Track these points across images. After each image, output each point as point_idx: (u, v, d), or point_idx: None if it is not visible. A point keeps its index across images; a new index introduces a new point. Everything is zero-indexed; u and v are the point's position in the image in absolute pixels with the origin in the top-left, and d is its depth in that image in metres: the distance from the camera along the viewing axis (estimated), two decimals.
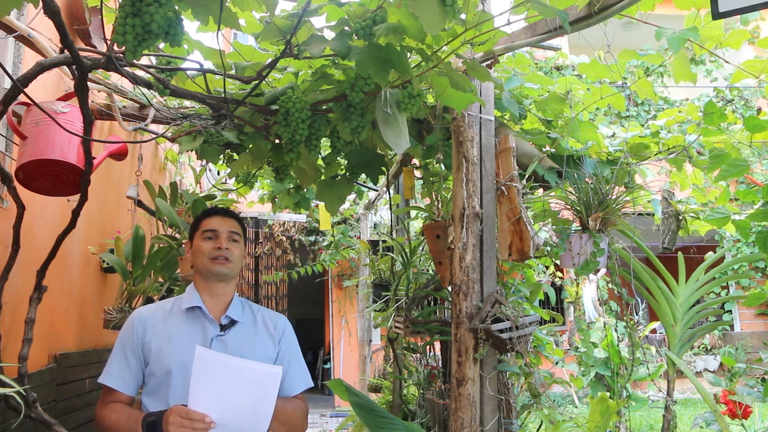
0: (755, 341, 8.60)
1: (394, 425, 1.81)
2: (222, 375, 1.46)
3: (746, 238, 2.52)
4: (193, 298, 1.69)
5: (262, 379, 1.49)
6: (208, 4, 1.53)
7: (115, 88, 2.59)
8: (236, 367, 1.48)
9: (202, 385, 1.46)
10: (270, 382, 1.49)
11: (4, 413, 2.14)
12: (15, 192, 2.02)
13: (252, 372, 1.49)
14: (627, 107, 8.76)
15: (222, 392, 1.46)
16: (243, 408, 1.48)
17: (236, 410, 1.47)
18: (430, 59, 1.76)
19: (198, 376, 1.46)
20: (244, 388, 1.48)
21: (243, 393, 1.48)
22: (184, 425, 1.42)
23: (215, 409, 1.46)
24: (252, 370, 1.49)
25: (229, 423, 1.47)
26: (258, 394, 1.49)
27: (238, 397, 1.47)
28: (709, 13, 1.48)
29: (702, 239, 3.38)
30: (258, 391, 1.49)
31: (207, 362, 1.47)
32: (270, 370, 1.51)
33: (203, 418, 1.42)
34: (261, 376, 1.49)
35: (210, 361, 1.47)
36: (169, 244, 2.95)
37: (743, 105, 8.36)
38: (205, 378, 1.46)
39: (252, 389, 1.48)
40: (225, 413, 1.46)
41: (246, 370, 1.49)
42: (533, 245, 2.07)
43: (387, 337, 3.39)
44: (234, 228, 1.75)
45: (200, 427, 1.42)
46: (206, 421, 1.42)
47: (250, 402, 1.48)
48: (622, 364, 3.66)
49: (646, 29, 2.29)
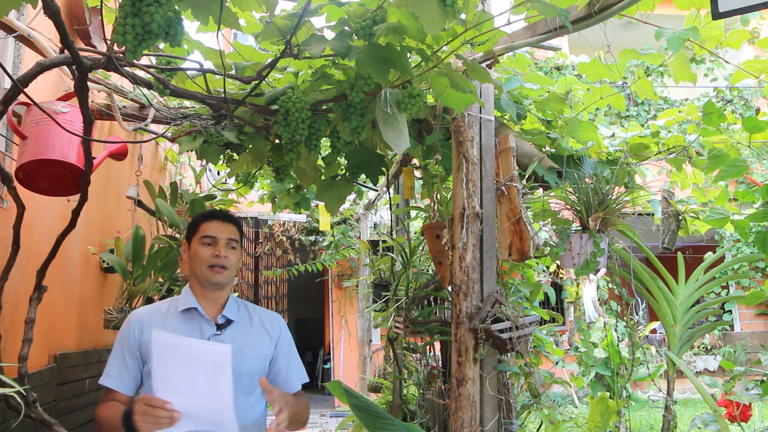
0: (755, 341, 8.60)
1: (393, 426, 1.81)
2: (179, 358, 1.43)
3: (746, 238, 2.52)
4: (188, 300, 1.70)
5: (214, 359, 1.44)
6: (208, 4, 1.53)
7: (115, 88, 2.59)
8: (189, 347, 1.45)
9: (162, 370, 1.44)
10: (221, 361, 1.44)
11: (4, 413, 2.14)
12: (15, 192, 2.02)
13: (203, 351, 1.45)
14: (627, 107, 8.76)
15: (181, 376, 1.43)
16: (201, 390, 1.44)
17: (196, 394, 1.44)
18: (430, 59, 1.76)
19: (158, 361, 1.44)
20: (199, 369, 1.44)
21: (198, 375, 1.44)
22: (147, 413, 1.40)
23: (177, 394, 1.42)
24: (202, 349, 1.46)
25: (193, 410, 1.43)
26: (212, 375, 1.44)
27: (194, 380, 1.44)
28: (709, 13, 1.48)
29: (702, 239, 3.38)
30: (212, 372, 1.44)
31: (165, 345, 1.44)
32: (220, 348, 1.46)
33: (164, 405, 1.40)
34: (212, 355, 1.44)
35: (167, 344, 1.44)
36: (169, 245, 2.95)
37: (743, 105, 8.36)
38: (165, 362, 1.44)
39: (206, 369, 1.44)
40: (186, 399, 1.42)
41: (197, 349, 1.45)
42: (533, 245, 2.07)
43: (387, 337, 3.39)
44: (233, 235, 1.75)
45: (162, 414, 1.40)
46: (167, 408, 1.40)
47: (206, 384, 1.44)
48: (622, 364, 3.66)
49: (646, 29, 2.29)
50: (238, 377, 1.63)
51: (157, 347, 1.44)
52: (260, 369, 1.71)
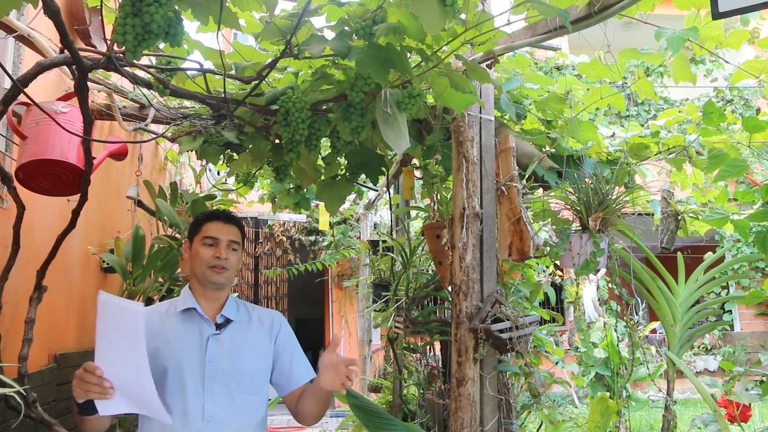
0: (755, 341, 8.60)
1: (393, 426, 1.81)
2: (112, 321, 1.41)
3: (746, 238, 2.52)
4: (188, 300, 1.70)
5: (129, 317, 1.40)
6: (208, 4, 1.53)
7: (115, 88, 2.60)
8: (115, 306, 1.41)
9: (99, 335, 1.41)
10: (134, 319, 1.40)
11: (4, 413, 2.14)
12: (15, 192, 2.02)
13: (122, 311, 1.41)
14: (627, 107, 8.76)
15: (110, 341, 1.41)
16: (124, 357, 1.41)
17: (119, 360, 1.41)
18: (430, 59, 1.76)
19: (99, 325, 1.41)
20: (121, 331, 1.41)
21: (121, 337, 1.41)
22: (80, 377, 1.39)
23: (107, 360, 1.40)
24: (121, 308, 1.41)
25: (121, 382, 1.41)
26: (129, 336, 1.40)
27: (118, 343, 1.41)
28: (709, 13, 1.48)
29: (702, 239, 3.38)
30: (128, 332, 1.40)
31: (104, 307, 1.42)
32: (133, 306, 1.42)
33: (94, 370, 1.38)
34: (128, 314, 1.41)
35: (106, 306, 1.41)
36: (169, 244, 2.95)
37: (743, 105, 8.36)
38: (102, 327, 1.42)
39: (126, 331, 1.41)
40: (114, 367, 1.40)
41: (120, 309, 1.41)
42: (533, 245, 2.07)
43: (387, 337, 3.39)
44: (234, 237, 1.74)
45: (92, 380, 1.38)
46: (97, 374, 1.38)
47: (126, 349, 1.41)
48: (622, 364, 3.66)
49: (646, 29, 2.29)
50: (239, 376, 1.63)
51: (100, 310, 1.41)
52: (261, 368, 1.71)
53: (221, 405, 1.59)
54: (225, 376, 1.62)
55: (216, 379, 1.61)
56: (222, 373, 1.62)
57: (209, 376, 1.60)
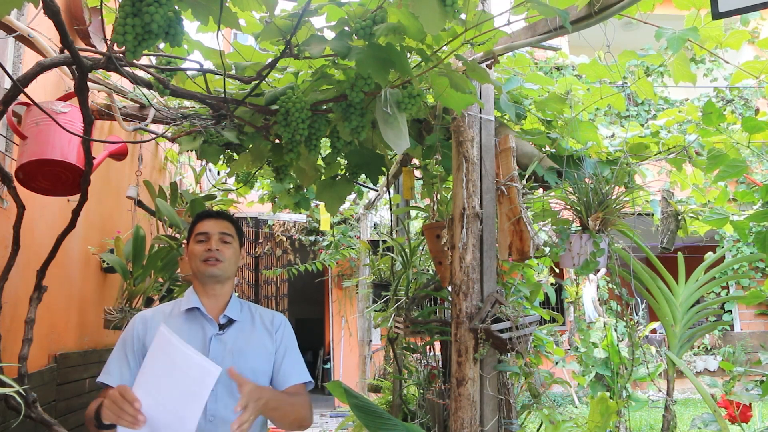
0: (755, 341, 8.60)
1: (393, 426, 1.81)
2: (170, 360, 1.40)
3: (745, 239, 2.52)
4: (191, 299, 1.72)
5: (200, 375, 1.40)
6: (208, 4, 1.54)
7: (115, 88, 2.60)
8: (182, 353, 1.41)
9: (149, 367, 1.41)
10: (206, 380, 1.40)
11: (4, 413, 2.14)
12: (15, 192, 2.02)
13: (192, 363, 1.41)
14: (627, 107, 8.76)
15: (163, 379, 1.40)
16: (174, 402, 1.40)
17: (167, 403, 1.40)
18: (430, 59, 1.76)
19: (151, 356, 1.41)
20: (182, 380, 1.40)
21: (178, 385, 1.40)
22: (116, 402, 1.38)
23: (151, 396, 1.39)
24: (192, 361, 1.41)
25: (157, 418, 1.39)
26: (191, 391, 1.40)
27: (172, 388, 1.40)
28: (709, 13, 1.48)
29: (702, 239, 3.38)
30: (192, 387, 1.40)
31: (163, 342, 1.42)
32: (209, 367, 1.42)
33: (133, 402, 1.37)
34: (199, 371, 1.41)
35: (166, 342, 1.41)
36: (170, 244, 2.95)
37: (743, 105, 8.36)
38: (155, 359, 1.41)
39: (188, 383, 1.40)
40: (157, 405, 1.39)
41: (188, 358, 1.41)
42: (533, 245, 2.07)
43: (387, 337, 3.39)
44: (225, 229, 1.76)
45: (128, 410, 1.37)
46: (135, 406, 1.37)
47: (181, 397, 1.40)
48: (622, 364, 3.66)
49: (646, 29, 2.29)
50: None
51: (157, 342, 1.42)
52: (263, 368, 1.71)
53: (223, 405, 1.60)
54: (227, 376, 1.62)
55: (218, 379, 1.61)
56: (224, 373, 1.61)
57: None
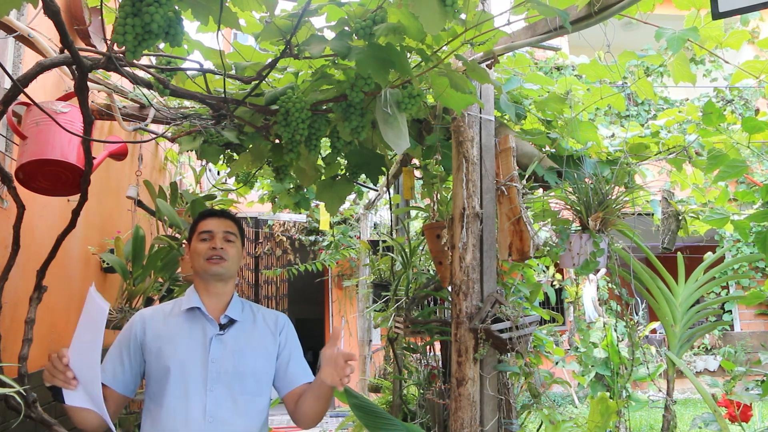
0: (755, 341, 8.60)
1: (393, 426, 1.81)
2: (87, 315, 1.45)
3: (746, 238, 2.52)
4: (192, 299, 1.70)
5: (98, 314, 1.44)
6: (208, 4, 1.53)
7: (115, 88, 2.60)
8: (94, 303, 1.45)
9: (79, 328, 1.45)
10: (99, 317, 1.44)
11: (4, 413, 2.14)
12: (15, 192, 2.02)
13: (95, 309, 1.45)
14: (627, 107, 8.76)
15: (84, 334, 1.44)
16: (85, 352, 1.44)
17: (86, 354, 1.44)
18: (430, 59, 1.76)
19: (82, 317, 1.45)
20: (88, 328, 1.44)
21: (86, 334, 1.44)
22: (50, 360, 1.43)
23: (75, 353, 1.43)
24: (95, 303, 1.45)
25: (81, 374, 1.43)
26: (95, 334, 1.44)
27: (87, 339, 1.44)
28: (709, 13, 1.48)
29: (702, 239, 3.38)
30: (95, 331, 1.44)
31: (89, 302, 1.46)
32: (100, 302, 1.45)
33: (61, 358, 1.42)
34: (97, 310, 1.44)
35: (89, 302, 1.46)
36: (170, 244, 2.95)
37: (743, 105, 8.36)
38: (82, 319, 1.45)
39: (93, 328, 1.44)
40: (79, 360, 1.43)
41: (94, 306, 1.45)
42: (533, 245, 2.07)
43: (387, 337, 3.40)
44: (229, 228, 1.75)
45: (58, 366, 1.42)
46: (63, 362, 1.42)
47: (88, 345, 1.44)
48: (622, 364, 3.66)
49: (646, 29, 2.29)
50: (241, 377, 1.63)
51: (87, 302, 1.46)
52: (265, 369, 1.70)
53: (223, 406, 1.59)
54: (228, 377, 1.61)
55: (218, 380, 1.60)
56: (225, 374, 1.61)
57: (212, 377, 1.59)
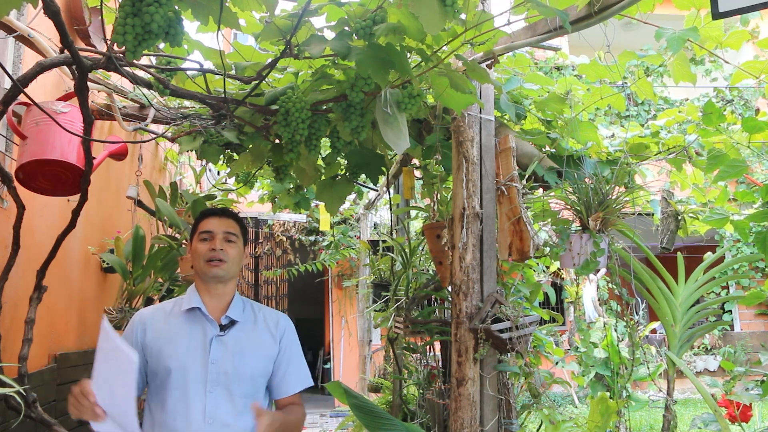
0: (755, 341, 8.60)
1: (393, 426, 1.81)
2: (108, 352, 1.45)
3: (745, 238, 2.52)
4: (193, 299, 1.69)
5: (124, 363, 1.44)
6: (208, 4, 1.54)
7: (115, 88, 2.60)
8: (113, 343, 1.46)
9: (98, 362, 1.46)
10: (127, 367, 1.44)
11: (4, 413, 2.14)
12: (15, 192, 2.02)
13: (117, 352, 1.45)
14: (627, 107, 8.76)
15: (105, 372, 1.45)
16: (117, 391, 1.45)
17: (114, 392, 1.44)
18: (430, 59, 1.76)
19: (99, 350, 1.46)
20: (116, 369, 1.45)
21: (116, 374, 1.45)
22: (76, 397, 1.44)
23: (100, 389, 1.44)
24: (117, 350, 1.45)
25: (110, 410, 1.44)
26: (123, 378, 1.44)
27: (113, 378, 1.45)
28: (709, 13, 1.48)
29: (702, 239, 3.38)
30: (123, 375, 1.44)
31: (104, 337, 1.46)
32: (128, 353, 1.44)
33: (88, 395, 1.43)
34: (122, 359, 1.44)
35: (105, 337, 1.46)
36: (169, 244, 2.95)
37: (743, 105, 8.35)
38: (101, 353, 1.46)
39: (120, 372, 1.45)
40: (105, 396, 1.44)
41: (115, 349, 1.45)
42: (533, 245, 2.07)
43: (387, 337, 3.40)
44: (230, 228, 1.73)
45: (85, 404, 1.43)
46: (90, 400, 1.42)
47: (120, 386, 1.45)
48: (622, 364, 3.66)
49: (646, 29, 2.29)
50: (241, 379, 1.62)
51: (102, 337, 1.46)
52: (264, 371, 1.69)
53: (222, 407, 1.58)
54: (227, 378, 1.61)
55: (218, 381, 1.60)
56: (225, 375, 1.61)
57: (211, 378, 1.59)
